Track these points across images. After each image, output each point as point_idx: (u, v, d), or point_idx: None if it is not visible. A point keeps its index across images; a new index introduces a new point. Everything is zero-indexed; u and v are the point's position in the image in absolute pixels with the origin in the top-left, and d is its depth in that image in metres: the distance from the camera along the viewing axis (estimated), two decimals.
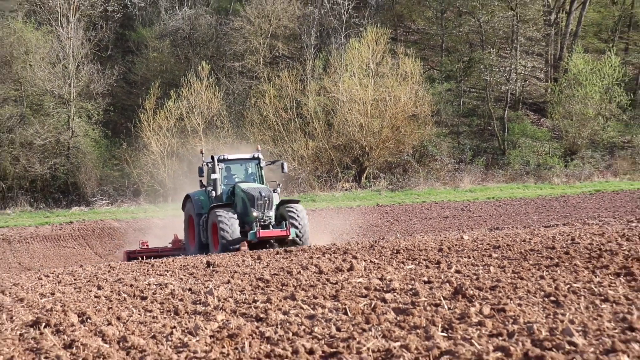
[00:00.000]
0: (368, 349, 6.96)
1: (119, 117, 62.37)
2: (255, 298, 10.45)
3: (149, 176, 54.83)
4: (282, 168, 27.92)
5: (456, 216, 39.97)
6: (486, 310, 8.11)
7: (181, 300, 11.00)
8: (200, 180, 28.20)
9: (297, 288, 11.13)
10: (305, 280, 11.91)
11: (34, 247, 38.27)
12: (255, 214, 25.51)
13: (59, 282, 15.61)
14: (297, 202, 27.10)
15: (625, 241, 13.65)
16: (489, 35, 65.73)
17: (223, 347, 7.62)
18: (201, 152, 29.27)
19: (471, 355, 6.38)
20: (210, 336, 8.11)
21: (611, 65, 59.30)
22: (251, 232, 25.33)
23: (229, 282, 12.70)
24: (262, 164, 28.13)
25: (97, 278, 15.66)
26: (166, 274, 15.15)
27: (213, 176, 27.19)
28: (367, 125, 55.07)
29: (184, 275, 14.58)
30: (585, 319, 7.43)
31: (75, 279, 15.90)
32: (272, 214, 26.15)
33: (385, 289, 10.26)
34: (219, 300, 10.46)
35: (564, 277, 10.13)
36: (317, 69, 58.80)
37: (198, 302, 10.56)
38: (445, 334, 7.33)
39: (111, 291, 12.80)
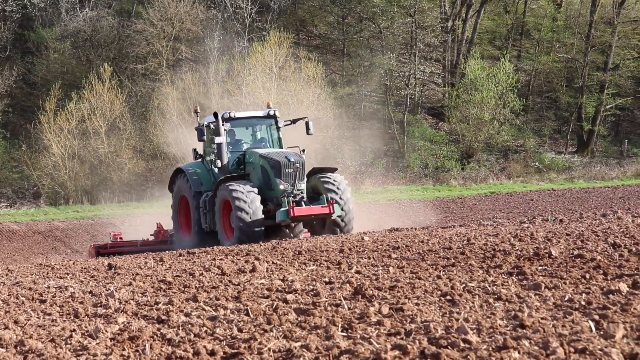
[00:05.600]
0: (269, 349, 6.96)
1: (18, 118, 61.03)
2: (157, 300, 10.32)
3: (49, 178, 54.03)
4: (308, 128, 21.98)
5: (357, 218, 40.21)
6: (385, 309, 8.17)
7: (81, 303, 10.79)
8: (195, 150, 22.34)
9: (199, 290, 11.03)
10: (208, 282, 11.81)
11: None
12: (282, 186, 20.23)
13: None
14: (334, 170, 21.47)
15: (518, 241, 13.89)
16: (389, 41, 66.76)
17: (124, 349, 7.51)
18: (195, 112, 22.92)
19: (370, 354, 6.39)
20: (111, 339, 7.97)
21: (505, 72, 60.93)
22: (281, 210, 19.70)
23: (130, 284, 12.50)
24: (280, 123, 22.28)
25: None
26: (66, 277, 14.81)
27: (217, 140, 20.83)
28: None
29: (85, 278, 14.26)
30: (480, 317, 7.55)
31: None
32: (304, 186, 20.68)
33: (287, 289, 10.26)
34: (120, 303, 10.29)
35: (459, 276, 10.31)
36: (221, 72, 58.58)
37: (99, 305, 10.38)
38: (345, 334, 7.35)
39: (9, 295, 12.44)
